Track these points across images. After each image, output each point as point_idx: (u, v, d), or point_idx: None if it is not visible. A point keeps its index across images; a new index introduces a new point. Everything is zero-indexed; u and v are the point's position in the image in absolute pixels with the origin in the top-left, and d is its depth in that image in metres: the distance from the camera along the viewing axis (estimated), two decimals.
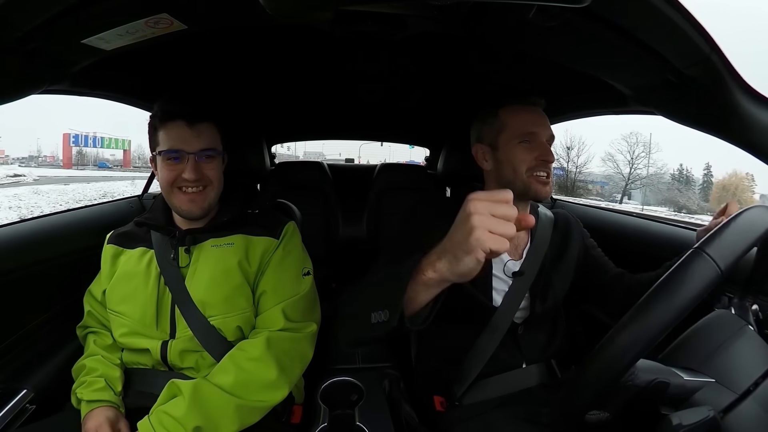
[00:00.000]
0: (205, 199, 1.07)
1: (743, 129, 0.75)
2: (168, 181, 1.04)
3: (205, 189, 1.07)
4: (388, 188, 2.51)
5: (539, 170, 1.06)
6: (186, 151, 1.03)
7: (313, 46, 1.28)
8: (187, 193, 1.05)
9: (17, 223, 1.26)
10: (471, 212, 0.61)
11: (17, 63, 0.75)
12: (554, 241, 1.18)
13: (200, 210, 1.07)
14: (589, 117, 1.60)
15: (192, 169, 1.03)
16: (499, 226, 0.60)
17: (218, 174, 1.09)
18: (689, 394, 0.58)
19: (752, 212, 0.63)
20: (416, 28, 0.99)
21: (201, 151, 1.04)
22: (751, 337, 0.65)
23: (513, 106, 1.10)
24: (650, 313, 0.54)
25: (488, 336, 1.08)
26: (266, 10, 0.60)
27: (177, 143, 1.03)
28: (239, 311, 1.06)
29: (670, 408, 0.57)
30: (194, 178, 1.03)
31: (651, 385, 0.56)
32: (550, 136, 1.09)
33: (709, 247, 0.58)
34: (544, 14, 0.64)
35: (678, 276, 0.56)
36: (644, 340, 0.54)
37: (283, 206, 1.63)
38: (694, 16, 0.63)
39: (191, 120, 1.03)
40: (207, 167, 1.06)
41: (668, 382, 0.57)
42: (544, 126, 1.09)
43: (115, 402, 1.01)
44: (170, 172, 1.04)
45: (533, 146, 1.06)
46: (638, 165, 36.41)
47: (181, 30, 0.79)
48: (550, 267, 1.15)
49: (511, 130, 1.08)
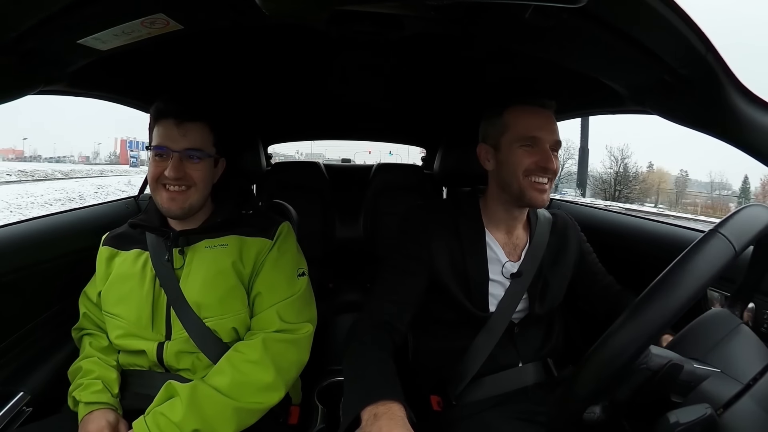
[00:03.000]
0: (186, 200, 1.06)
1: (738, 128, 0.75)
2: (152, 177, 1.05)
3: (188, 190, 1.06)
4: (385, 188, 2.51)
5: (537, 176, 1.03)
6: (171, 148, 1.03)
7: (310, 46, 1.28)
8: (169, 191, 1.04)
9: (13, 225, 1.25)
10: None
11: (12, 63, 0.74)
12: (552, 243, 1.17)
13: (179, 210, 1.06)
14: (584, 116, 1.61)
15: (174, 167, 1.02)
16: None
17: (204, 176, 1.08)
18: (698, 381, 0.58)
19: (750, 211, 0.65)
20: (413, 28, 0.99)
21: (186, 150, 1.04)
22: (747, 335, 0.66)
23: (519, 107, 1.08)
24: (668, 291, 0.56)
25: (485, 336, 1.08)
26: (262, 10, 0.60)
27: (163, 140, 1.03)
28: (234, 312, 1.06)
29: (679, 396, 0.58)
30: (174, 176, 1.02)
31: (665, 368, 0.57)
32: (555, 141, 1.05)
33: (723, 228, 0.61)
34: (540, 14, 0.64)
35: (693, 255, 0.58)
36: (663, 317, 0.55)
37: (279, 207, 1.63)
38: (689, 16, 0.63)
39: (180, 118, 1.04)
40: (192, 167, 1.05)
41: (682, 366, 0.58)
42: (549, 131, 1.05)
43: (113, 404, 1.00)
44: (155, 168, 1.04)
45: (535, 151, 1.04)
46: (567, 164, 40.38)
47: (178, 30, 0.79)
48: (548, 268, 1.15)
49: (513, 132, 1.06)
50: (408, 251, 1.10)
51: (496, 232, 1.13)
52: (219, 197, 1.17)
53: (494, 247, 1.12)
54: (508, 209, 1.12)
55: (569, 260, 1.19)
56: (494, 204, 1.13)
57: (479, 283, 1.09)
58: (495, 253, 1.11)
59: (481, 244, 1.11)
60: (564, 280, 1.18)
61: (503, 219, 1.13)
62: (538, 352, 1.15)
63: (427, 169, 2.66)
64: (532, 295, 1.12)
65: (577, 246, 1.21)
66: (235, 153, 1.26)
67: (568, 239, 1.20)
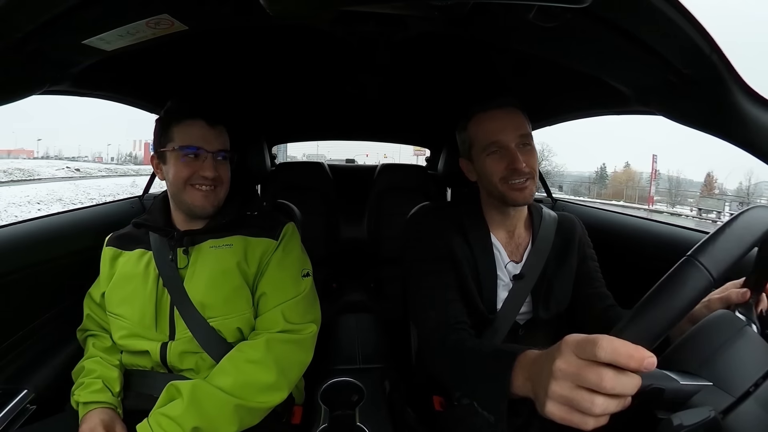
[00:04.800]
0: (216, 197, 1.09)
1: (743, 129, 0.74)
2: (183, 178, 1.06)
3: (216, 188, 1.09)
4: (389, 189, 2.51)
5: (512, 178, 1.02)
6: (206, 149, 1.06)
7: (314, 46, 1.28)
8: (201, 190, 1.07)
9: (18, 224, 1.26)
10: (553, 372, 0.52)
11: (18, 64, 0.75)
12: (557, 245, 1.15)
13: (212, 207, 1.09)
14: (589, 117, 1.60)
15: (211, 167, 1.06)
16: (583, 401, 0.49)
17: (229, 175, 1.13)
18: (686, 398, 0.57)
19: (750, 214, 0.62)
20: (417, 28, 0.99)
21: (218, 151, 1.08)
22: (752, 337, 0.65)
23: (477, 115, 1.08)
24: (641, 323, 0.54)
25: (489, 337, 1.07)
26: (267, 11, 0.60)
27: (197, 141, 1.05)
28: (239, 312, 1.06)
29: (666, 412, 0.57)
30: (212, 176, 1.06)
31: (646, 390, 0.56)
32: (519, 136, 1.03)
33: (701, 255, 0.56)
34: (544, 15, 0.64)
35: (668, 285, 0.55)
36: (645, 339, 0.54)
37: (283, 207, 1.63)
38: (694, 16, 0.63)
39: (212, 121, 1.07)
40: (221, 167, 1.09)
41: (663, 389, 0.56)
42: (508, 130, 1.04)
43: (113, 403, 1.01)
44: (186, 168, 1.05)
45: (502, 155, 1.03)
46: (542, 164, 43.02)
47: (182, 31, 0.79)
48: (552, 271, 1.13)
49: (478, 143, 1.07)
50: (433, 253, 1.08)
51: (498, 232, 1.12)
52: (225, 197, 1.18)
53: (498, 248, 1.11)
54: (501, 210, 1.11)
55: (573, 263, 1.16)
56: (488, 207, 1.13)
57: (489, 282, 1.09)
58: (499, 252, 1.11)
59: (488, 245, 1.10)
60: (569, 283, 1.15)
61: (500, 220, 1.12)
62: None
63: (431, 169, 2.66)
64: (536, 298, 1.11)
65: (578, 248, 1.18)
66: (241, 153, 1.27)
67: (574, 241, 1.17)
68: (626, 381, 0.47)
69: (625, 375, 0.47)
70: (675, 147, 70.63)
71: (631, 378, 0.47)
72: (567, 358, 0.51)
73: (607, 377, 0.47)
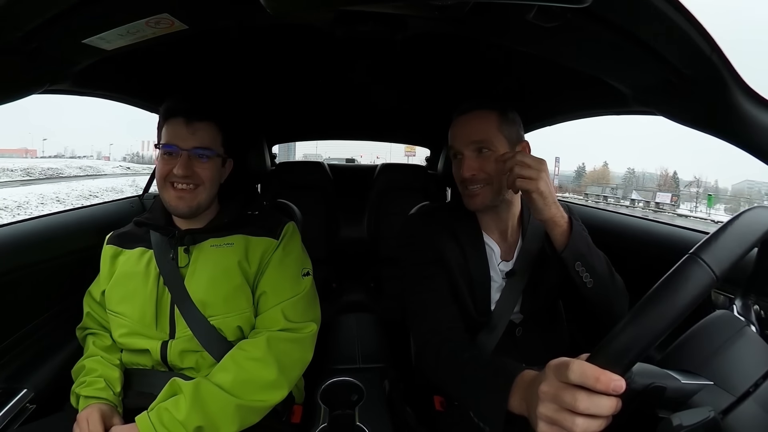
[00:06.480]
0: (195, 199, 1.07)
1: (743, 129, 0.75)
2: (161, 176, 1.06)
3: (197, 188, 1.07)
4: (389, 188, 2.51)
5: (466, 185, 1.05)
6: (180, 147, 1.04)
7: (314, 46, 1.28)
8: (177, 189, 1.05)
9: (18, 223, 1.26)
10: (539, 394, 0.56)
11: (18, 63, 0.75)
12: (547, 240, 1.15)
13: (187, 208, 1.07)
14: (589, 117, 1.60)
15: (183, 165, 1.03)
16: (565, 421, 0.52)
17: (212, 175, 1.09)
18: (687, 397, 0.57)
19: (751, 214, 0.62)
20: (417, 28, 0.99)
21: (194, 148, 1.05)
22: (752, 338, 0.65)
23: (453, 120, 1.10)
24: (643, 321, 0.54)
25: (486, 336, 1.08)
26: (267, 10, 0.59)
27: (172, 138, 1.04)
28: (239, 311, 1.06)
29: (667, 411, 0.57)
30: (183, 174, 1.03)
31: (647, 389, 0.56)
32: (471, 142, 1.04)
33: (704, 252, 0.56)
34: (544, 14, 0.64)
35: (671, 283, 0.55)
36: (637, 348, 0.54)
37: (283, 206, 1.63)
38: (694, 17, 0.63)
39: (189, 117, 1.05)
40: (200, 166, 1.06)
41: (665, 387, 0.56)
42: (462, 136, 1.06)
43: (114, 401, 1.01)
44: (164, 166, 1.05)
45: (458, 161, 1.07)
46: None
47: (182, 30, 0.79)
48: (540, 265, 1.13)
49: (450, 151, 1.10)
50: (423, 258, 1.10)
51: (491, 232, 1.13)
52: (226, 197, 1.18)
53: (492, 247, 1.12)
54: (484, 212, 1.12)
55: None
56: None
57: (482, 283, 1.09)
58: (493, 251, 1.12)
59: (480, 246, 1.11)
60: (558, 278, 1.13)
61: (491, 221, 1.13)
62: (540, 355, 1.13)
63: (431, 169, 2.66)
64: (525, 292, 1.12)
65: None
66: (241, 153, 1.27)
67: None
68: (600, 402, 0.50)
69: (599, 397, 0.50)
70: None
71: (607, 400, 0.50)
72: (549, 381, 0.55)
73: (581, 398, 0.50)
